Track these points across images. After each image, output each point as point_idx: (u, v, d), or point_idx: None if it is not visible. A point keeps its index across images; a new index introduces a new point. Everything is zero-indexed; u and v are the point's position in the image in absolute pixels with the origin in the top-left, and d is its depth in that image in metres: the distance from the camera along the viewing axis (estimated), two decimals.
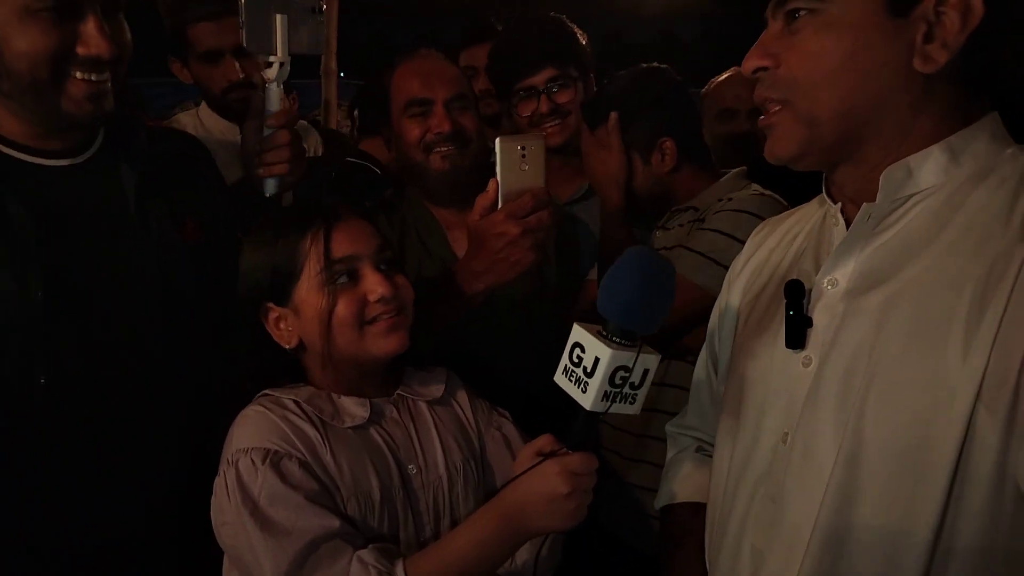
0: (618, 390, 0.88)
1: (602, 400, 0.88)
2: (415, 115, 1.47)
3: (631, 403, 0.90)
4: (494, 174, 1.20)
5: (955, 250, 0.75)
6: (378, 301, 1.05)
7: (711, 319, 1.11)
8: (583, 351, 0.89)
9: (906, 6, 0.75)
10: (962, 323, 0.71)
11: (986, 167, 0.78)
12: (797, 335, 0.84)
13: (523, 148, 1.19)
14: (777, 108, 0.83)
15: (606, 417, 1.49)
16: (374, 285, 1.05)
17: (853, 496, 0.76)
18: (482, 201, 1.23)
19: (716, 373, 1.09)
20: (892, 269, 0.79)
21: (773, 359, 0.88)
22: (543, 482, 0.92)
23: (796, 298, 0.85)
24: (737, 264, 1.07)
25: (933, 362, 0.72)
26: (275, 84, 1.26)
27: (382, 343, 1.06)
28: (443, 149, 1.46)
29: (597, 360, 0.87)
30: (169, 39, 1.76)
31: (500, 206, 1.21)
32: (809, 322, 0.84)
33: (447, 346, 1.27)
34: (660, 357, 0.91)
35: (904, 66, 0.76)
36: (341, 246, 1.05)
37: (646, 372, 0.89)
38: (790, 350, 0.85)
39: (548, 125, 1.74)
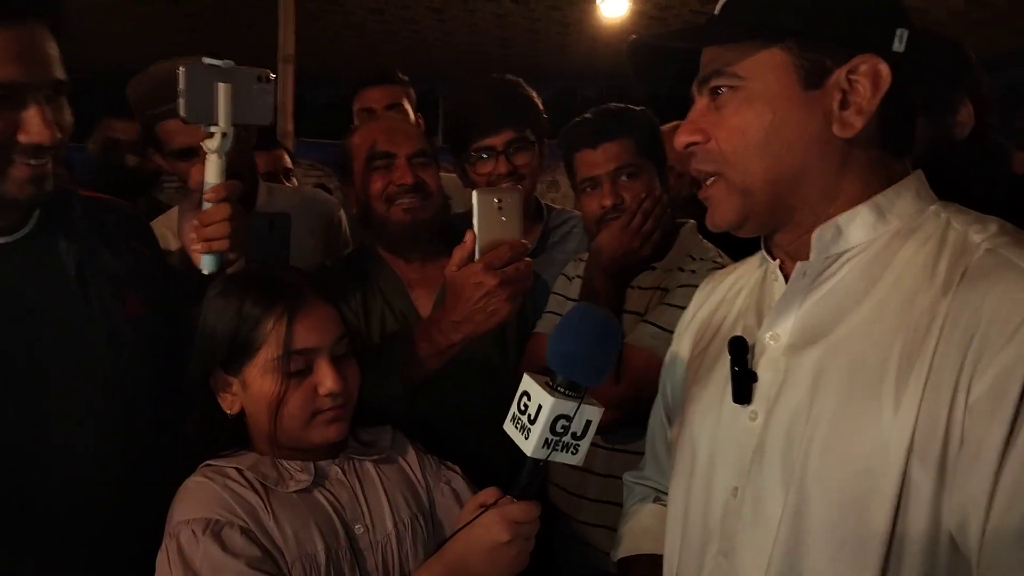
0: (559, 438, 0.91)
1: (543, 447, 0.91)
2: (378, 168, 1.50)
3: (573, 453, 0.93)
4: (455, 230, 1.22)
5: (885, 306, 0.78)
6: (327, 395, 1.06)
7: (662, 371, 1.14)
8: (529, 399, 0.93)
9: (819, 78, 0.80)
10: (892, 378, 0.74)
11: (911, 224, 0.81)
12: (743, 390, 0.86)
13: (499, 200, 1.21)
14: (712, 180, 0.87)
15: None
16: (325, 379, 1.06)
17: (800, 551, 0.77)
18: (459, 252, 1.24)
19: (669, 423, 1.11)
20: (828, 325, 0.81)
21: (721, 414, 0.90)
22: (484, 532, 0.95)
23: (740, 354, 0.87)
24: (686, 317, 1.10)
25: (867, 418, 0.74)
26: (216, 155, 1.19)
27: (323, 432, 1.08)
28: (405, 201, 1.48)
29: (540, 408, 0.91)
30: (143, 134, 1.74)
31: (477, 258, 1.22)
32: (754, 377, 0.86)
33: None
34: (603, 409, 0.93)
35: (824, 134, 0.80)
36: (302, 336, 1.05)
37: (588, 423, 0.92)
38: (737, 405, 0.87)
39: (504, 185, 1.74)
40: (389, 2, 5.79)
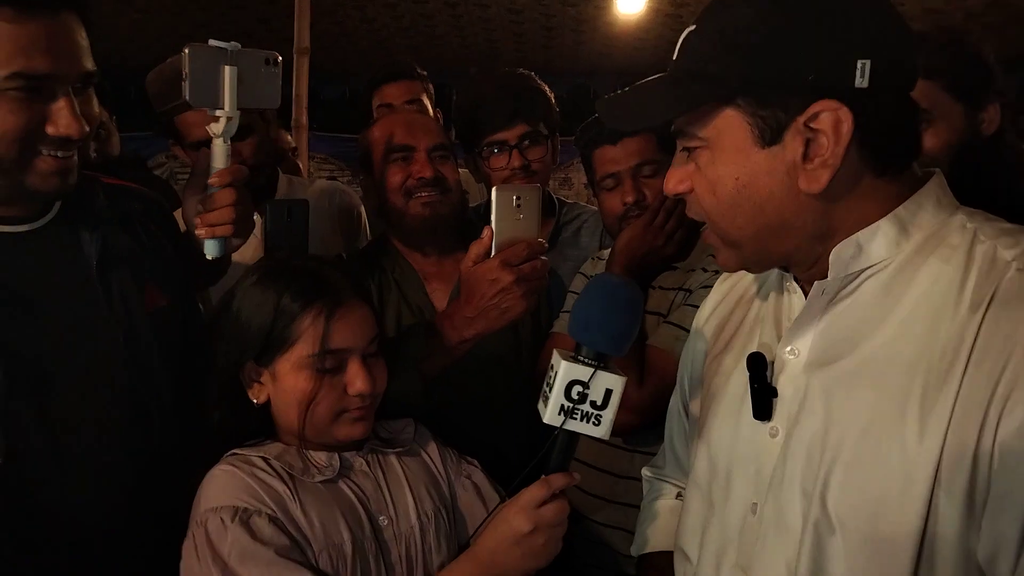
0: (574, 405, 0.91)
1: (559, 413, 0.91)
2: (397, 161, 1.50)
3: (596, 424, 0.92)
4: (472, 225, 1.21)
5: (908, 329, 0.75)
6: (357, 395, 1.06)
7: (679, 366, 1.13)
8: (552, 370, 0.94)
9: (775, 134, 0.75)
10: (917, 405, 0.71)
11: (935, 236, 0.77)
12: (764, 406, 0.84)
13: (519, 198, 1.21)
14: (707, 227, 0.86)
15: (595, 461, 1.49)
16: (356, 380, 1.06)
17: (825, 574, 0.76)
18: (476, 248, 1.24)
19: (687, 417, 1.10)
20: (848, 345, 0.79)
21: (739, 427, 0.88)
22: (506, 526, 0.95)
23: (759, 371, 0.85)
24: (703, 313, 1.09)
25: (890, 445, 0.72)
26: (221, 139, 1.17)
27: (348, 430, 1.08)
28: (424, 195, 1.48)
29: (556, 374, 0.92)
30: (162, 126, 1.76)
31: (493, 254, 1.22)
32: (774, 392, 0.84)
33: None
34: (624, 379, 0.92)
35: (792, 188, 0.76)
36: (339, 336, 1.05)
37: (608, 392, 0.91)
38: (757, 420, 0.85)
39: (517, 180, 1.74)
40: None
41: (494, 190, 1.21)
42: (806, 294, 0.86)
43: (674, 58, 0.83)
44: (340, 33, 6.63)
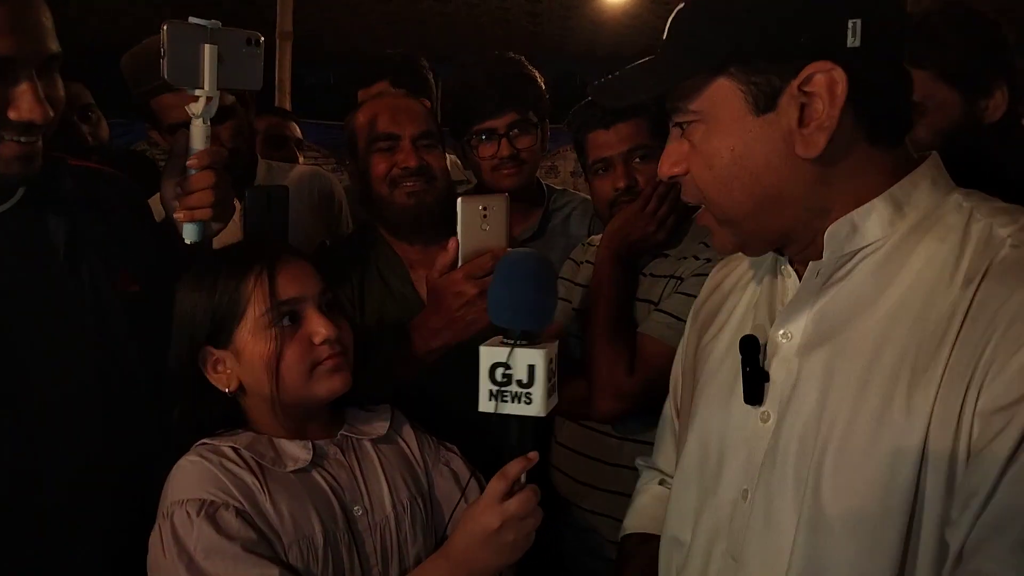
0: (502, 388, 0.89)
1: (489, 399, 0.90)
2: (382, 150, 1.47)
3: (527, 403, 0.89)
4: (456, 217, 1.20)
5: (902, 306, 0.74)
6: (323, 343, 1.04)
7: (675, 360, 1.12)
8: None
9: (769, 100, 0.75)
10: (905, 383, 0.71)
11: (931, 217, 0.77)
12: (755, 391, 0.84)
13: (485, 208, 1.20)
14: (703, 209, 0.85)
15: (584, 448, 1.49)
16: (318, 327, 1.05)
17: (820, 564, 0.75)
18: (442, 259, 1.23)
19: (678, 415, 1.09)
20: (840, 326, 0.78)
21: (730, 412, 0.87)
22: (473, 524, 0.94)
23: (752, 354, 0.84)
24: (696, 304, 1.08)
25: (881, 423, 0.72)
26: (200, 120, 1.15)
27: (327, 383, 1.05)
28: (409, 184, 1.46)
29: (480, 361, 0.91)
30: (139, 110, 1.73)
31: (460, 265, 1.21)
32: (766, 376, 0.83)
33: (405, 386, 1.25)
34: (544, 351, 0.90)
35: (790, 156, 0.76)
36: (286, 287, 1.05)
37: (531, 368, 0.89)
38: (748, 405, 0.84)
39: (506, 169, 1.73)
40: None
41: (459, 200, 1.20)
42: (801, 279, 0.85)
43: (664, 37, 0.82)
44: (323, 18, 6.56)
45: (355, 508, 1.06)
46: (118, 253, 1.16)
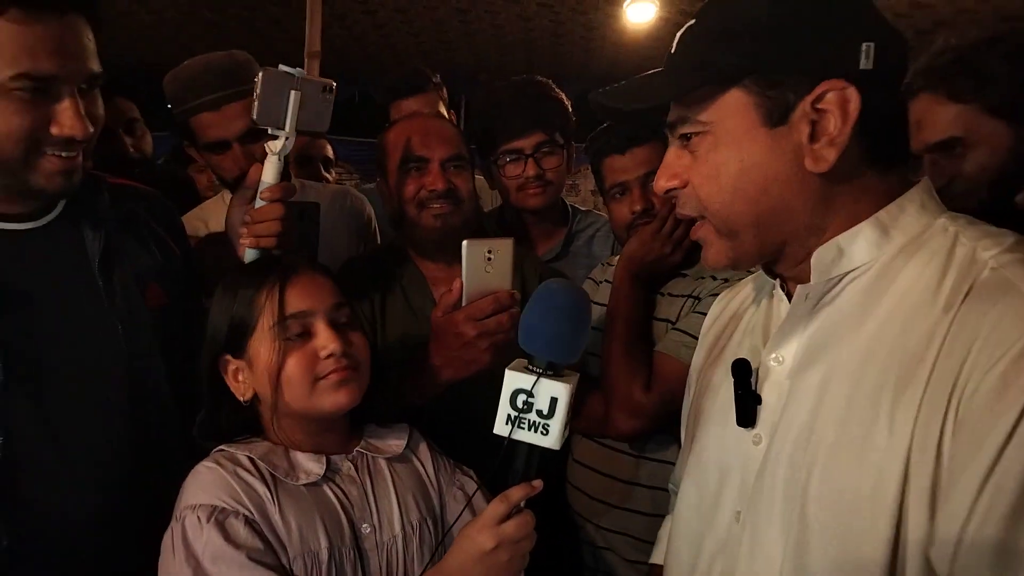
0: (521, 415, 0.90)
1: (506, 423, 0.90)
2: (411, 171, 1.49)
3: (544, 433, 0.90)
4: (485, 233, 1.22)
5: (886, 328, 0.75)
6: (328, 357, 1.05)
7: (688, 381, 1.12)
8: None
9: (782, 114, 0.76)
10: (888, 403, 0.71)
11: (917, 241, 0.78)
12: (747, 413, 0.84)
13: (490, 252, 1.22)
14: (699, 222, 0.85)
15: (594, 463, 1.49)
16: (325, 341, 1.05)
17: None
18: (446, 299, 1.25)
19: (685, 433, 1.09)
20: (829, 349, 0.78)
21: (726, 434, 0.88)
22: (469, 543, 0.94)
23: (744, 376, 0.85)
24: (703, 327, 1.09)
25: (864, 444, 0.72)
26: (276, 157, 1.23)
27: (331, 397, 1.05)
28: (436, 207, 1.48)
29: (503, 383, 0.91)
30: (179, 128, 1.77)
31: (464, 305, 1.23)
32: (759, 399, 0.84)
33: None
34: (569, 386, 0.90)
35: (798, 171, 0.77)
36: (295, 301, 1.06)
37: (553, 400, 0.89)
38: (741, 428, 0.85)
39: (532, 189, 1.76)
40: (414, 2, 5.81)
41: (464, 243, 1.22)
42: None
43: (672, 51, 0.83)
44: (350, 37, 6.67)
45: (363, 526, 1.06)
46: (150, 269, 1.21)
